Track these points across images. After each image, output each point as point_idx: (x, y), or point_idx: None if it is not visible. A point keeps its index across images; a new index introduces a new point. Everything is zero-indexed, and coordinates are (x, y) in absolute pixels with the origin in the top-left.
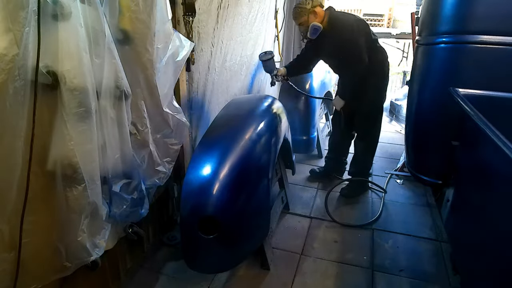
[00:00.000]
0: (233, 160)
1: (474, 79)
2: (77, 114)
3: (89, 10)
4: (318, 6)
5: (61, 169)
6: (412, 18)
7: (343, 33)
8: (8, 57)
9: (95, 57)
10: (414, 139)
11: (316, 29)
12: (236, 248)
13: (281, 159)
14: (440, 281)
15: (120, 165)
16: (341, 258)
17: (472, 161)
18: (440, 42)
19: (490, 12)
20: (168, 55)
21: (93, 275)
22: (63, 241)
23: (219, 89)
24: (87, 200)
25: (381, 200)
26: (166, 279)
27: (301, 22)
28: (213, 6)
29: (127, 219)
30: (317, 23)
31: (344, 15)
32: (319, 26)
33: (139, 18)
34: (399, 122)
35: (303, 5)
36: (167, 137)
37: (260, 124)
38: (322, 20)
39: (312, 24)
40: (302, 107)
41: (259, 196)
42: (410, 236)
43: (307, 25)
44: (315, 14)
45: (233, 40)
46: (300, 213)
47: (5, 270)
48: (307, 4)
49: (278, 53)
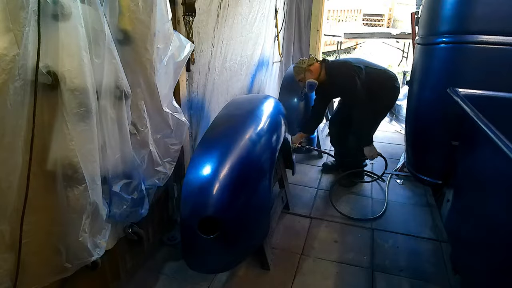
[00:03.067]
0: (233, 160)
1: (474, 79)
2: (78, 114)
3: (89, 10)
4: (313, 64)
5: (61, 169)
6: (412, 18)
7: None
8: (8, 57)
9: (95, 57)
10: (414, 139)
11: (311, 86)
12: (236, 248)
13: (281, 159)
14: (440, 281)
15: (120, 165)
16: (341, 258)
17: (472, 161)
18: (440, 42)
19: (490, 12)
20: (169, 55)
21: (93, 275)
22: (64, 242)
23: (219, 89)
24: (88, 200)
25: (385, 196)
26: (166, 279)
27: (299, 79)
28: (213, 6)
29: (127, 219)
30: (312, 80)
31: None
32: (314, 83)
33: (139, 18)
34: (399, 122)
35: (300, 64)
36: (167, 137)
37: (260, 124)
38: (318, 75)
39: (308, 81)
40: (302, 107)
41: (259, 196)
42: (410, 236)
43: (305, 81)
44: (311, 71)
45: (233, 40)
46: (300, 213)
47: (5, 270)
48: (303, 64)
49: (278, 53)
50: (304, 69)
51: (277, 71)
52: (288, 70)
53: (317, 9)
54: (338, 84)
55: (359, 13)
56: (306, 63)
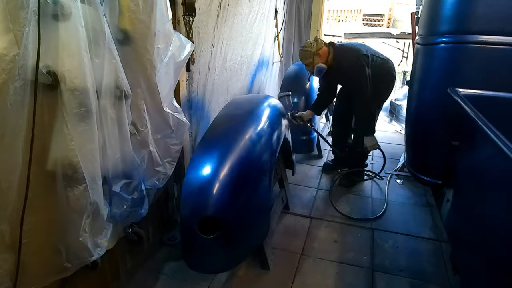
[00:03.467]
0: (233, 160)
1: (474, 79)
2: (78, 114)
3: (89, 10)
4: (322, 48)
5: (61, 169)
6: (412, 18)
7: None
8: (8, 57)
9: (95, 57)
10: (414, 139)
11: (320, 70)
12: (236, 248)
13: (281, 159)
14: (440, 281)
15: (120, 165)
16: (341, 258)
17: (472, 161)
18: (440, 42)
19: (490, 12)
20: (169, 55)
21: (93, 275)
22: (64, 241)
23: (219, 89)
24: (88, 200)
25: (385, 197)
26: (166, 279)
27: (307, 63)
28: (213, 6)
29: (127, 219)
30: (321, 64)
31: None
32: (323, 67)
33: (139, 18)
34: (399, 122)
35: (308, 48)
36: (168, 137)
37: (260, 124)
38: (326, 59)
39: (317, 66)
40: (302, 107)
41: (259, 196)
42: (410, 236)
43: (313, 66)
44: (319, 56)
45: (233, 40)
46: (300, 213)
47: (5, 270)
48: (311, 48)
49: (278, 53)
50: (313, 53)
51: (277, 71)
52: (288, 70)
53: (317, 9)
54: (346, 71)
55: (359, 13)
56: (315, 47)
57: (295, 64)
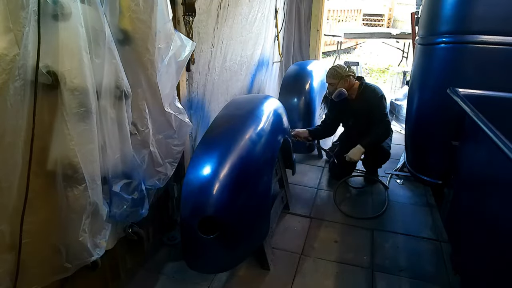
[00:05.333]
0: (233, 160)
1: (474, 79)
2: (78, 114)
3: (89, 10)
4: (351, 76)
5: (61, 169)
6: (412, 18)
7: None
8: (8, 57)
9: (95, 57)
10: (414, 139)
11: (340, 94)
12: (236, 248)
13: (281, 159)
14: (440, 281)
15: (120, 165)
16: (341, 258)
17: (472, 161)
18: (440, 42)
19: (490, 12)
20: (170, 55)
21: (93, 275)
22: (64, 242)
23: (219, 89)
24: (88, 200)
25: (385, 196)
26: (166, 279)
27: (331, 83)
28: (213, 6)
29: (127, 219)
30: (343, 90)
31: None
32: (344, 93)
33: (140, 18)
34: (399, 122)
35: (339, 69)
36: (170, 138)
37: (260, 124)
38: (350, 88)
39: (340, 89)
40: (302, 107)
41: (259, 196)
42: (410, 236)
43: (335, 87)
44: (346, 81)
45: (233, 40)
46: (300, 213)
47: (5, 270)
48: (343, 71)
49: (278, 53)
50: (342, 76)
51: (277, 71)
52: (288, 70)
53: (317, 9)
54: (371, 98)
55: (359, 13)
56: (347, 72)
57: (295, 64)
